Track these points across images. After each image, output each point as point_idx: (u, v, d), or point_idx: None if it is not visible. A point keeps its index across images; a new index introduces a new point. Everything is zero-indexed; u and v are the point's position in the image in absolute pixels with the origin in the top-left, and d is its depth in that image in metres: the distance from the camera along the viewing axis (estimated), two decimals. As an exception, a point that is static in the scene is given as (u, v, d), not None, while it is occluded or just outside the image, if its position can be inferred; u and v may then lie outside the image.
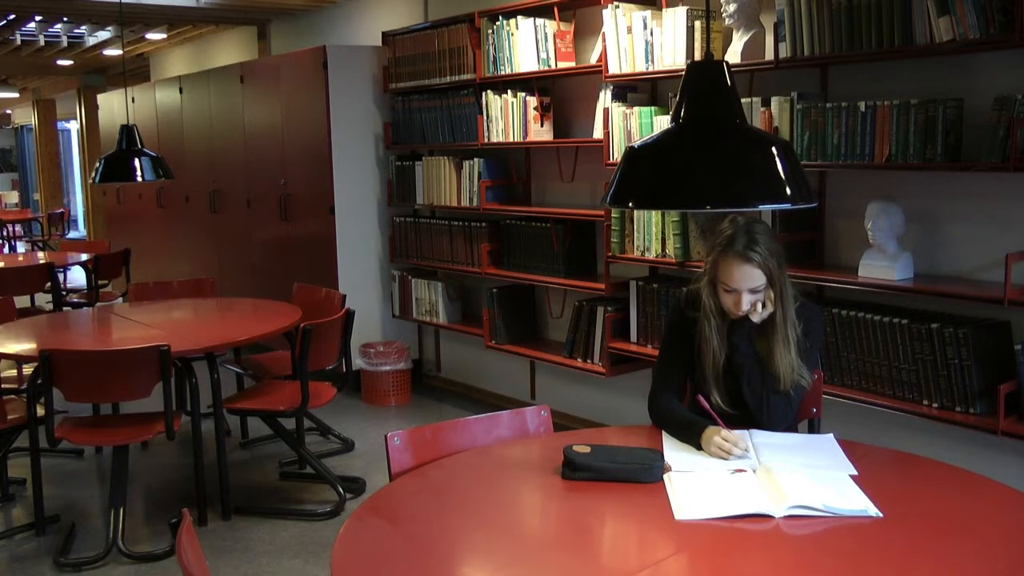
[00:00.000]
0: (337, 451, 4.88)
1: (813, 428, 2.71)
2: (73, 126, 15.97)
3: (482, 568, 1.84)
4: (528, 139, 4.79)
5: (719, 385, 2.50)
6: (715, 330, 2.50)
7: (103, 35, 9.17)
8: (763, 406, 2.46)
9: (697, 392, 2.51)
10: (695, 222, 3.95)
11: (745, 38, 3.73)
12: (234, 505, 4.08)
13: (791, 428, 2.55)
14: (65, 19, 8.41)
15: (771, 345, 2.47)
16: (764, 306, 2.45)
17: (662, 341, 2.78)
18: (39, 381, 3.58)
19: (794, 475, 2.09)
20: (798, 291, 2.55)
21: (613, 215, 4.27)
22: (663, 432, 2.45)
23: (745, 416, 2.47)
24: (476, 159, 5.11)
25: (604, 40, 4.26)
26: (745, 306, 2.43)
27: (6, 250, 13.36)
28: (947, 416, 3.18)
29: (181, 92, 7.54)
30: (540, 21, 4.69)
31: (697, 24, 3.89)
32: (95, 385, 3.66)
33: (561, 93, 4.90)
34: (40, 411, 3.70)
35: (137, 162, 5.31)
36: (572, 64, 4.69)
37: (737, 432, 2.30)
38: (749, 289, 2.41)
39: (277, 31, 7.79)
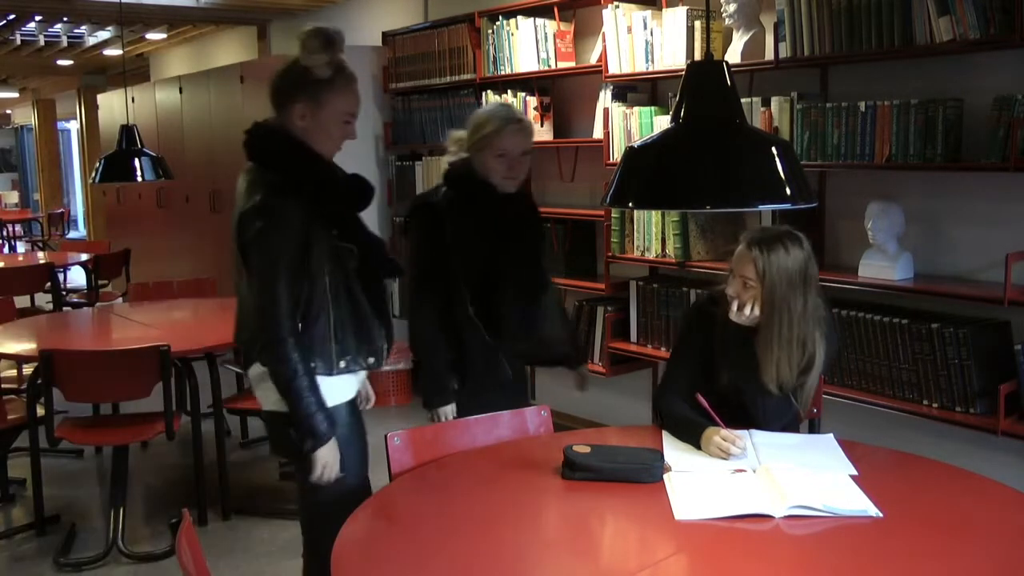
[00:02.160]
0: (337, 451, 4.87)
1: (813, 428, 2.71)
2: (73, 126, 15.96)
3: (482, 568, 1.84)
4: (528, 139, 4.78)
5: (719, 386, 2.49)
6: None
7: (103, 35, 9.17)
8: (759, 408, 2.45)
9: (698, 391, 2.51)
10: (695, 222, 3.94)
11: (745, 38, 3.73)
12: (234, 505, 4.08)
13: (791, 428, 2.55)
14: (65, 19, 8.41)
15: (763, 357, 2.43)
16: (751, 308, 2.42)
17: (676, 339, 2.77)
18: (39, 381, 3.58)
19: (794, 475, 2.09)
20: (831, 330, 2.49)
21: (613, 215, 4.27)
22: (663, 432, 2.45)
23: (745, 416, 2.47)
24: (476, 159, 5.10)
25: (604, 40, 4.26)
26: (731, 290, 2.43)
27: (6, 250, 13.35)
28: (947, 416, 3.18)
29: (181, 92, 7.53)
30: (540, 21, 4.69)
31: (697, 24, 3.89)
32: (95, 385, 3.66)
33: (561, 93, 4.90)
34: (40, 411, 3.70)
35: (137, 162, 5.32)
36: (572, 64, 4.69)
37: (737, 432, 2.30)
38: (741, 275, 2.41)
39: (277, 31, 7.78)
